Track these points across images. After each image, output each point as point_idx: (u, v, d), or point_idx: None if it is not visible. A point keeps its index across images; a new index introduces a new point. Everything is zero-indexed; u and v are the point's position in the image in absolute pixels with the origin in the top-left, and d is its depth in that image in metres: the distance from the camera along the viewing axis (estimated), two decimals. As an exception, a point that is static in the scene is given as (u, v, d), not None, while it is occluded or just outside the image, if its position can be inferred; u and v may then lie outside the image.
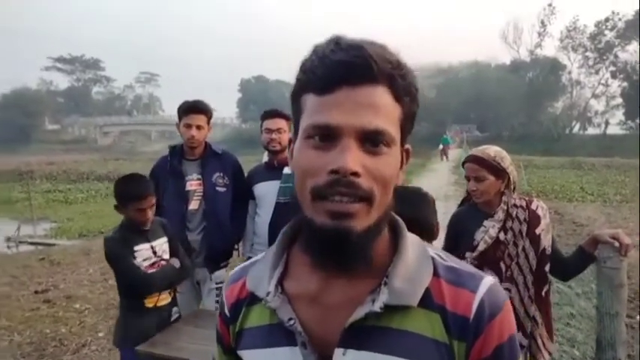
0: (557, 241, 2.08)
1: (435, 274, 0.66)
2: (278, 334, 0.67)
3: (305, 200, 0.62)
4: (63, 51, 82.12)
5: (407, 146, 0.68)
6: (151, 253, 2.25)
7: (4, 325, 4.44)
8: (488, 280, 0.66)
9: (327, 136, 0.60)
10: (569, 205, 12.45)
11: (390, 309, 0.62)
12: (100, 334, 4.18)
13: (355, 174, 0.57)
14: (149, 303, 2.21)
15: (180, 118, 2.77)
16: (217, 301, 2.77)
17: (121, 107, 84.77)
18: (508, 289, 1.88)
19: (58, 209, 15.84)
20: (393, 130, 0.61)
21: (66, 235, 11.27)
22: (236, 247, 3.03)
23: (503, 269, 1.89)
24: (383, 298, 0.62)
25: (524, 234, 1.89)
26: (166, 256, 2.33)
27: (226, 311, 0.76)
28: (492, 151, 1.95)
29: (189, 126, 2.71)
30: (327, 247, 0.60)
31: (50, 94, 75.92)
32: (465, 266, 0.69)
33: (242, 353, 0.73)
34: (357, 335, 0.63)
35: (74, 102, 76.75)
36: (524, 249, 1.89)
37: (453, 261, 0.69)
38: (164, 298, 2.28)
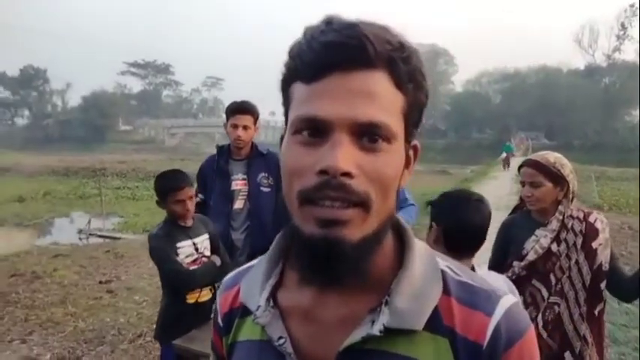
0: (630, 258, 1.93)
1: (445, 291, 0.57)
2: (269, 352, 0.60)
3: (292, 205, 0.53)
4: (137, 57, 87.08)
5: (415, 142, 0.59)
6: (193, 249, 2.31)
7: (71, 312, 4.76)
8: (508, 299, 0.57)
9: (316, 131, 0.52)
10: (645, 220, 11.51)
11: (391, 332, 0.54)
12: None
13: (347, 174, 0.49)
14: (190, 299, 2.27)
15: (227, 118, 2.81)
16: None
17: (188, 110, 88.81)
18: (557, 304, 1.76)
19: (125, 205, 16.81)
20: (394, 123, 0.53)
21: (131, 230, 11.92)
22: None
23: (553, 282, 1.77)
24: (383, 319, 0.54)
25: (578, 247, 1.77)
26: (207, 252, 2.39)
27: (219, 321, 0.70)
28: (552, 157, 1.84)
29: (235, 126, 2.75)
30: (317, 260, 0.52)
31: (124, 96, 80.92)
32: (482, 282, 0.60)
33: None
34: (353, 359, 0.55)
35: (146, 104, 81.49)
36: (577, 263, 1.77)
37: (467, 276, 0.60)
38: (205, 295, 2.33)
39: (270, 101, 2.96)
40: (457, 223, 1.39)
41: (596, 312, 1.79)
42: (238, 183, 2.83)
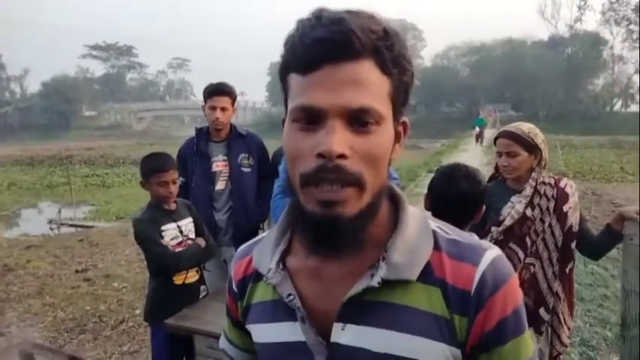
0: (595, 222, 2.04)
1: (436, 247, 0.64)
2: (280, 310, 0.68)
3: (296, 185, 0.60)
4: (98, 40, 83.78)
5: (404, 119, 0.65)
6: (178, 232, 2.33)
7: (49, 302, 4.70)
8: (492, 252, 0.64)
9: (312, 118, 0.57)
10: (607, 185, 12.05)
11: (388, 283, 0.60)
12: (137, 312, 4.36)
13: (342, 156, 0.55)
14: (178, 280, 2.30)
15: (205, 100, 2.81)
16: None
17: (154, 93, 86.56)
18: (532, 264, 1.87)
19: (96, 193, 16.43)
20: (382, 107, 0.58)
21: (104, 218, 11.70)
22: (261, 226, 3.09)
23: (529, 244, 1.87)
24: (381, 272, 0.60)
25: (551, 211, 1.87)
26: (192, 235, 2.41)
27: (234, 287, 0.78)
28: (526, 127, 1.92)
29: (213, 108, 2.75)
30: (319, 234, 0.60)
31: (87, 81, 78.08)
32: (469, 239, 0.66)
33: (250, 327, 0.75)
34: (356, 310, 0.62)
35: (109, 88, 78.84)
36: (550, 225, 1.87)
37: (456, 234, 0.67)
38: (192, 276, 2.36)
39: (239, 82, 2.94)
40: (440, 196, 1.47)
41: (567, 270, 1.91)
42: (219, 164, 2.85)
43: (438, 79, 53.02)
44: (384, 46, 0.57)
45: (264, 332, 0.71)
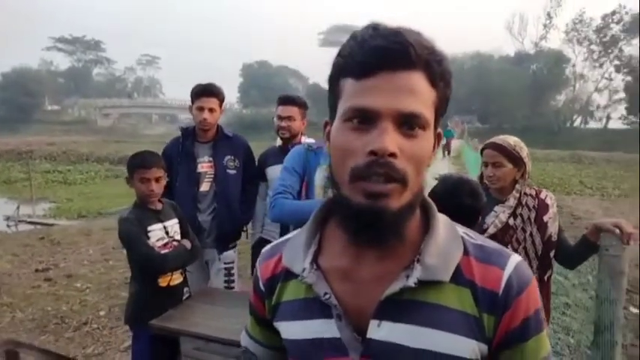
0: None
1: (465, 252, 0.69)
2: (313, 308, 0.71)
3: (343, 180, 0.64)
4: (64, 32, 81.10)
5: (439, 130, 0.70)
6: (164, 233, 2.29)
7: (6, 302, 4.50)
8: (516, 257, 0.69)
9: (366, 119, 0.62)
10: (567, 197, 12.54)
11: (423, 284, 0.65)
12: (102, 313, 4.24)
13: (392, 155, 0.60)
14: (162, 282, 2.26)
15: (192, 100, 2.80)
16: (226, 281, 2.82)
17: (122, 89, 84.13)
18: None
19: (57, 190, 15.89)
20: (428, 114, 0.63)
21: (65, 216, 11.32)
22: (245, 228, 3.08)
23: None
24: (417, 273, 0.65)
25: (532, 221, 1.95)
26: (178, 236, 2.38)
27: (261, 286, 0.80)
28: (512, 140, 2.00)
29: (201, 109, 2.74)
30: (363, 224, 0.63)
31: (51, 74, 75.15)
32: (493, 245, 0.72)
33: (278, 324, 0.77)
34: (391, 308, 0.66)
35: (75, 83, 76.14)
36: (531, 235, 1.94)
37: (481, 240, 0.73)
38: (177, 278, 2.33)
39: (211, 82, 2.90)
40: (444, 209, 1.50)
41: (545, 278, 1.98)
42: (204, 165, 2.83)
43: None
44: (434, 61, 0.63)
45: (296, 329, 0.74)
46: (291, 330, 0.75)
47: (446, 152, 22.52)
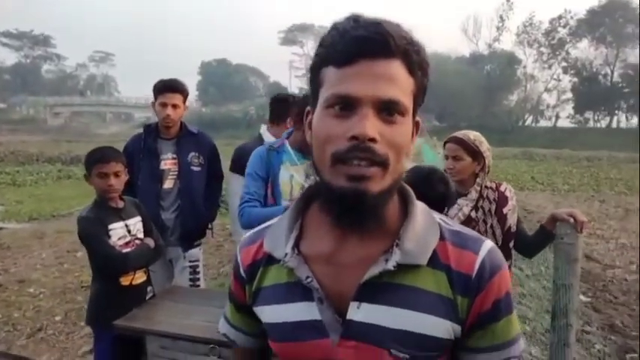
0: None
1: (441, 237, 0.72)
2: (295, 291, 0.73)
3: (324, 165, 0.66)
4: (9, 26, 77.03)
5: (417, 119, 0.73)
6: (126, 231, 2.23)
7: (-48, 311, 4.22)
8: (489, 243, 0.73)
9: (346, 106, 0.64)
10: (520, 193, 13.01)
11: (401, 267, 0.68)
12: (57, 318, 4.07)
13: (373, 140, 0.62)
14: (125, 281, 2.19)
15: (155, 97, 2.74)
16: (191, 279, 2.77)
17: (73, 87, 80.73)
18: None
19: (5, 192, 15.01)
20: (407, 101, 0.66)
21: (15, 219, 10.72)
22: (210, 226, 3.02)
23: None
24: (396, 257, 0.68)
25: (492, 213, 2.03)
26: (140, 235, 2.32)
27: (242, 272, 0.82)
28: (472, 134, 2.08)
29: (164, 105, 2.68)
30: (346, 206, 0.65)
31: (-5, 70, 71.51)
32: (468, 230, 0.76)
33: (259, 309, 0.79)
34: (371, 290, 0.69)
35: (22, 80, 72.48)
36: (492, 226, 2.02)
37: (457, 226, 0.76)
38: (140, 277, 2.27)
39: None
40: (426, 194, 1.57)
41: None
42: (167, 162, 2.78)
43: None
44: (413, 51, 0.66)
45: (277, 312, 0.75)
46: (273, 314, 0.76)
47: None
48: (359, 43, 0.63)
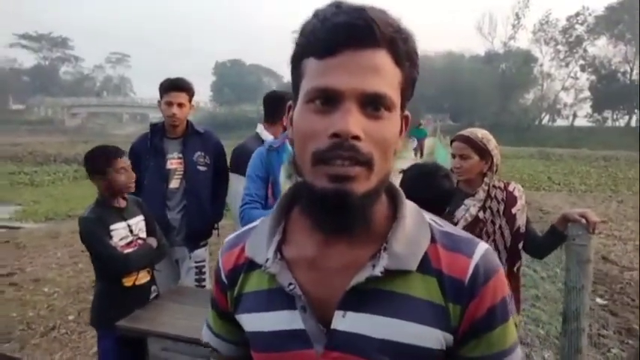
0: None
1: (433, 239, 0.67)
2: (277, 299, 0.69)
3: (305, 164, 0.61)
4: (29, 28, 78.61)
5: (406, 113, 0.68)
6: (128, 231, 2.21)
7: (-32, 310, 4.30)
8: (483, 245, 0.68)
9: (328, 100, 0.59)
10: (536, 193, 12.83)
11: (389, 273, 0.63)
12: (70, 317, 4.11)
13: (356, 137, 0.57)
14: (127, 282, 2.18)
15: (161, 95, 2.73)
16: (197, 279, 2.76)
17: (90, 88, 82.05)
18: None
19: (23, 192, 15.32)
20: (394, 95, 0.61)
21: (32, 218, 10.93)
22: (215, 226, 3.01)
23: None
24: (383, 262, 0.63)
25: (501, 213, 1.96)
26: (143, 234, 2.30)
27: (223, 278, 0.77)
28: (480, 132, 2.02)
29: (170, 104, 2.67)
30: (328, 209, 0.60)
31: (14, 72, 72.86)
32: (461, 232, 0.71)
33: (241, 317, 0.74)
34: (357, 298, 0.64)
35: (40, 81, 73.88)
36: (500, 227, 1.95)
37: (449, 227, 0.71)
38: (143, 277, 2.25)
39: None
40: (421, 194, 1.53)
41: (515, 269, 2.00)
42: (174, 162, 2.76)
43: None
44: (400, 39, 0.60)
45: (259, 321, 0.71)
46: (254, 322, 0.72)
47: (419, 153, 21.20)
48: (341, 30, 0.58)
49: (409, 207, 0.71)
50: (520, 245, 1.98)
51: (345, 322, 0.64)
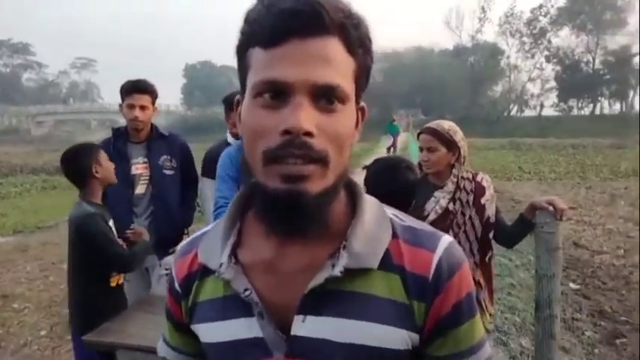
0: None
1: (394, 235, 0.64)
2: (233, 306, 0.65)
3: (256, 164, 0.57)
4: (-13, 36, 76.00)
5: (362, 104, 0.65)
6: (115, 229, 2.22)
7: None
8: (446, 239, 0.65)
9: (277, 93, 0.55)
10: (508, 183, 13.11)
11: (350, 272, 0.60)
12: (42, 332, 3.99)
13: (308, 134, 0.54)
14: (113, 282, 2.18)
15: (122, 98, 2.64)
16: None
17: (56, 95, 79.78)
18: None
19: (-12, 205, 14.80)
20: (347, 85, 0.57)
21: (-1, 232, 10.55)
22: (185, 231, 2.95)
23: (452, 237, 1.95)
24: (343, 262, 0.60)
25: (470, 204, 1.97)
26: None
27: (177, 287, 0.73)
28: (446, 124, 2.02)
29: (132, 106, 2.59)
30: (282, 211, 0.57)
31: (-26, 81, 70.38)
32: (424, 226, 0.68)
33: (196, 327, 0.70)
34: (317, 301, 0.61)
35: (2, 89, 71.46)
36: (470, 218, 1.96)
37: (411, 221, 0.68)
38: (120, 278, 2.25)
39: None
40: (385, 187, 1.52)
41: (486, 259, 2.02)
42: (139, 167, 2.68)
43: (353, 85, 54.63)
44: (351, 25, 0.57)
45: (215, 331, 0.67)
46: (210, 332, 0.67)
47: (392, 150, 20.97)
48: (287, 17, 0.53)
49: (369, 202, 0.67)
50: (491, 235, 1.99)
51: (306, 327, 0.61)
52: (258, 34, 0.56)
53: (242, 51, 0.60)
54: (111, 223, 2.21)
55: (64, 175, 2.23)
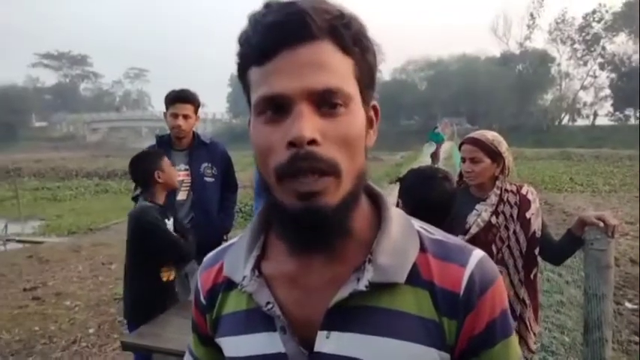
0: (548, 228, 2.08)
1: (422, 248, 0.61)
2: (256, 320, 0.64)
3: (271, 182, 0.56)
4: (50, 48, 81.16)
5: (374, 103, 0.63)
6: (173, 229, 2.36)
7: (-8, 324, 4.38)
8: (478, 253, 0.62)
9: (278, 108, 0.54)
10: (558, 195, 12.56)
11: (375, 287, 0.57)
12: (91, 331, 4.15)
13: (313, 142, 0.52)
14: (164, 277, 2.29)
15: (166, 107, 2.74)
16: None
17: (110, 103, 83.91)
18: (500, 272, 1.89)
19: (46, 207, 15.62)
20: (348, 86, 0.55)
21: (55, 233, 11.11)
22: (225, 237, 3.00)
23: (495, 252, 1.87)
24: (368, 275, 0.57)
25: (515, 218, 1.88)
26: None
27: (202, 299, 0.72)
28: (490, 134, 1.95)
29: (175, 115, 2.68)
30: (302, 229, 0.56)
31: (37, 90, 75.04)
32: (453, 239, 0.65)
33: (220, 341, 0.70)
34: (341, 316, 0.59)
35: (62, 99, 75.91)
36: (514, 232, 1.88)
37: (440, 234, 0.65)
38: (173, 273, 2.36)
39: (199, 93, 2.88)
40: (422, 199, 1.48)
41: (531, 276, 1.92)
42: (181, 174, 2.75)
43: (396, 93, 54.03)
44: (341, 25, 0.55)
45: (238, 345, 0.66)
46: (233, 346, 0.66)
47: (434, 160, 19.39)
48: (273, 31, 0.53)
49: (395, 213, 0.64)
50: (536, 251, 1.90)
51: (330, 343, 0.59)
52: (250, 53, 0.56)
53: (241, 74, 0.60)
54: (171, 221, 2.33)
55: (130, 177, 2.42)
